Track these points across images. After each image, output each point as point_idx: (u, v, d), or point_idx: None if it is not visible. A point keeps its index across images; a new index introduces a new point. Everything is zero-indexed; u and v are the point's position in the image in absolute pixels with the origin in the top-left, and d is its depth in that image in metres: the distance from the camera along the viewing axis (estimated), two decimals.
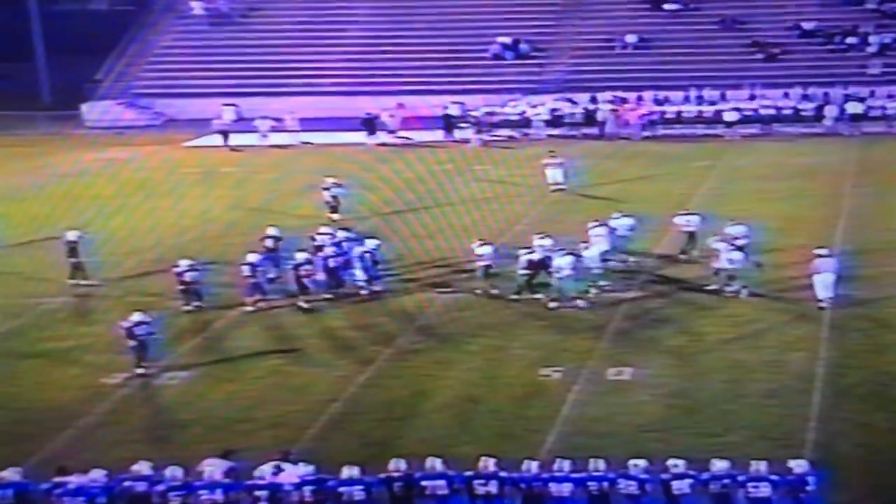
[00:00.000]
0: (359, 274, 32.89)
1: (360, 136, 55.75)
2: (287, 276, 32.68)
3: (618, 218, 34.97)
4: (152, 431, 25.05)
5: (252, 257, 32.45)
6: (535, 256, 32.06)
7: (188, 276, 31.83)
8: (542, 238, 32.88)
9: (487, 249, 32.76)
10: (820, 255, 31.08)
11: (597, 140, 54.58)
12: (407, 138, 55.79)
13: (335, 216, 40.33)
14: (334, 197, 41.42)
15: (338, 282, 33.02)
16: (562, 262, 31.34)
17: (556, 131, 55.99)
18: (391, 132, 56.39)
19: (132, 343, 27.74)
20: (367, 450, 22.70)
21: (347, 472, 19.86)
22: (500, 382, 26.69)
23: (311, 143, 55.73)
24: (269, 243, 34.82)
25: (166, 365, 28.16)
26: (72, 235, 34.94)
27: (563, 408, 25.05)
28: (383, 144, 55.26)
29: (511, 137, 55.75)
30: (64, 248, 34.79)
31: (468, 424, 24.50)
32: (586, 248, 32.39)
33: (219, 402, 26.30)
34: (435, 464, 19.93)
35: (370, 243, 33.55)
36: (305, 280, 32.14)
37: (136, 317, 27.97)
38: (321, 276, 32.61)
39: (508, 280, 32.37)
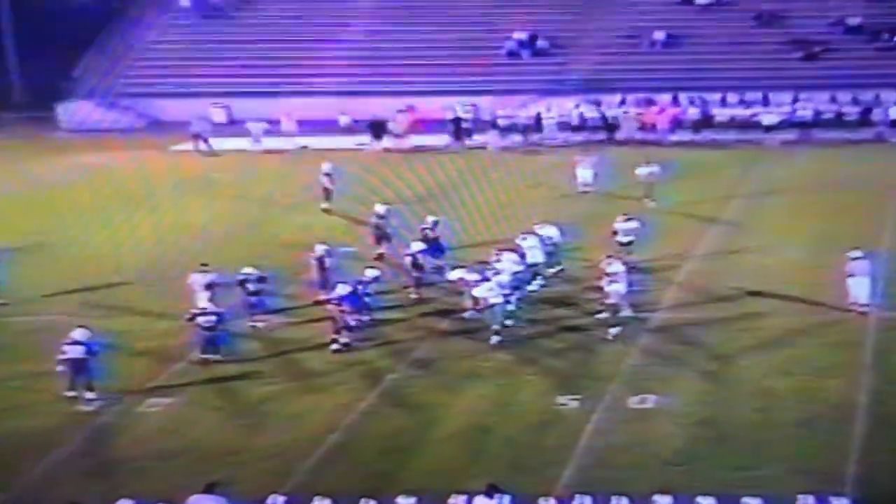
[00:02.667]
0: None
1: (364, 140, 56.29)
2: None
3: (542, 227, 35.49)
4: (134, 463, 24.96)
5: (247, 270, 32.59)
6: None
7: (202, 321, 30.36)
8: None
9: (474, 276, 32.41)
10: (854, 258, 31.63)
11: (620, 145, 54.71)
12: (415, 143, 56.18)
13: (325, 205, 43.89)
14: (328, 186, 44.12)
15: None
16: (483, 291, 31.23)
17: (577, 136, 56.30)
18: (397, 136, 56.70)
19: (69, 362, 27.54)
20: (370, 483, 22.85)
21: None
22: (513, 410, 26.78)
23: (308, 147, 55.96)
24: (375, 220, 37.56)
25: (149, 389, 28.26)
26: None
27: (582, 438, 25.14)
28: (388, 150, 55.54)
29: (520, 142, 56.24)
30: None
31: (479, 455, 24.58)
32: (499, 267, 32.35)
33: (208, 430, 26.36)
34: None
35: (370, 273, 32.76)
36: (347, 317, 31.02)
37: (77, 334, 27.84)
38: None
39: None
